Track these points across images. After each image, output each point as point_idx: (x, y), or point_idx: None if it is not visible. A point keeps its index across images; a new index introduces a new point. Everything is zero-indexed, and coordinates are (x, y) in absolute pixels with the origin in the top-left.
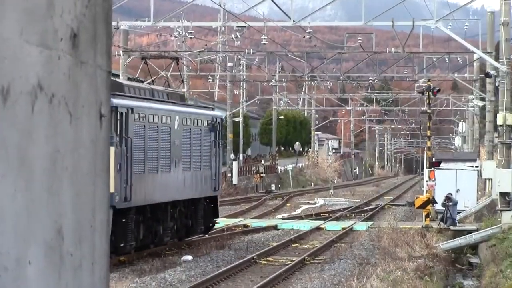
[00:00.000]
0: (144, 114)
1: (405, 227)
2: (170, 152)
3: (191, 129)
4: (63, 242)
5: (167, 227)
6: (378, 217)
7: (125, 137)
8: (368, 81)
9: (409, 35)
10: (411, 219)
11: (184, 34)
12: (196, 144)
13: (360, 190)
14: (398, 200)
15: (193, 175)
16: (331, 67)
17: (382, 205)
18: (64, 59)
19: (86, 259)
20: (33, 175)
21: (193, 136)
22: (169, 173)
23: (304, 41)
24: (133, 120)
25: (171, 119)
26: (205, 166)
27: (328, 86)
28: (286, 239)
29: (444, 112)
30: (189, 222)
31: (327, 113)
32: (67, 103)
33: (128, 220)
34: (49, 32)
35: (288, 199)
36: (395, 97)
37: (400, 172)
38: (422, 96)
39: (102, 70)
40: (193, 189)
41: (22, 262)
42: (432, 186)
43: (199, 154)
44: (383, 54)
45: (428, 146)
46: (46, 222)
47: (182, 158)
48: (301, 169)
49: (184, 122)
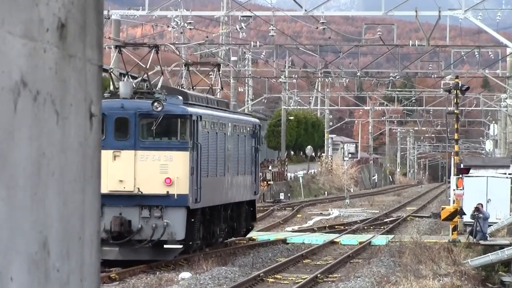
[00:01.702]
0: (208, 121)
1: (430, 242)
2: (225, 157)
3: (239, 135)
4: (49, 256)
5: (221, 228)
6: (400, 230)
7: (195, 143)
8: (389, 77)
9: (435, 26)
10: (437, 232)
11: (182, 25)
12: (242, 150)
13: (380, 199)
14: (422, 211)
15: (240, 179)
16: (347, 62)
17: (404, 217)
18: (50, 52)
19: (74, 275)
20: (15, 181)
21: (240, 142)
22: (224, 176)
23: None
24: (201, 127)
25: (225, 126)
26: (248, 171)
27: (344, 83)
28: (296, 255)
29: (473, 113)
30: (234, 224)
31: (343, 114)
32: (53, 101)
33: (195, 220)
34: (34, 22)
35: (299, 210)
36: (418, 96)
37: (424, 179)
38: (449, 94)
39: (93, 65)
40: (240, 193)
41: (3, 279)
42: (460, 196)
43: (244, 159)
44: (406, 47)
45: (455, 151)
46: (30, 234)
47: (233, 162)
48: (313, 176)
49: (234, 129)
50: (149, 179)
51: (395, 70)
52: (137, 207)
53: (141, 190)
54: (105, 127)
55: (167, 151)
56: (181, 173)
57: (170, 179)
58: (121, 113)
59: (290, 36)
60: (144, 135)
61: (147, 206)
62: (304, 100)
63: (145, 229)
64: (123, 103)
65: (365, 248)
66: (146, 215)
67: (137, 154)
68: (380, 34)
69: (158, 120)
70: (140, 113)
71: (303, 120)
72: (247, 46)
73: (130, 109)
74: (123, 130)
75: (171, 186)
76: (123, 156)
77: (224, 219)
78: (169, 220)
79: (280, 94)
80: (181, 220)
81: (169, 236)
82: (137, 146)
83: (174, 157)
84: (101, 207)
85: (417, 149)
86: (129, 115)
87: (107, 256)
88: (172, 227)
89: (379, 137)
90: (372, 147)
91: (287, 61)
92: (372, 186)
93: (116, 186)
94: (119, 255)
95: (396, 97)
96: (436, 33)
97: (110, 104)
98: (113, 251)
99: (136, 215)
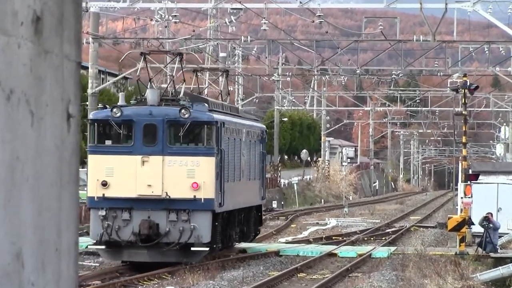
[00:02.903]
0: (229, 127)
1: (436, 254)
2: (240, 163)
3: (250, 141)
4: (23, 269)
5: (236, 232)
6: (403, 242)
7: (220, 149)
8: (391, 75)
9: (441, 20)
10: (443, 244)
11: (167, 18)
12: (253, 155)
13: (381, 208)
14: (427, 221)
15: (251, 184)
16: (345, 58)
17: (407, 227)
18: (24, 47)
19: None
20: None
21: (251, 148)
22: (240, 181)
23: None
24: (224, 133)
25: (241, 132)
26: (257, 176)
27: (342, 81)
28: (290, 268)
29: (483, 114)
30: (244, 228)
31: (341, 115)
32: (28, 101)
33: (218, 223)
34: (7, 14)
35: (293, 219)
36: (423, 96)
37: (430, 186)
38: (456, 94)
39: (70, 61)
40: (251, 197)
41: None
42: (468, 204)
43: (254, 164)
44: (409, 43)
45: (463, 156)
46: (2, 244)
47: (246, 168)
48: (309, 183)
49: (247, 135)
50: (176, 183)
51: (397, 67)
52: (165, 210)
53: (169, 194)
54: (133, 133)
55: (194, 157)
56: (207, 177)
57: (197, 184)
58: (149, 119)
59: (283, 30)
60: (172, 141)
61: (175, 210)
62: (299, 100)
63: (172, 232)
64: (151, 110)
65: (365, 261)
66: (174, 219)
67: (165, 160)
68: (381, 29)
69: (185, 126)
70: (168, 120)
71: (298, 121)
72: (237, 41)
73: (158, 116)
74: (151, 136)
75: (198, 191)
76: (152, 161)
77: (238, 223)
78: (196, 224)
79: (273, 93)
80: (207, 223)
81: (196, 239)
82: (165, 151)
83: (201, 162)
84: (130, 211)
85: (421, 154)
86: (157, 121)
87: (136, 258)
88: (198, 230)
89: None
90: (373, 151)
91: (280, 58)
92: (373, 194)
93: (144, 190)
94: (148, 257)
95: (399, 97)
96: (443, 27)
97: (138, 111)
98: (141, 253)
99: (164, 219)
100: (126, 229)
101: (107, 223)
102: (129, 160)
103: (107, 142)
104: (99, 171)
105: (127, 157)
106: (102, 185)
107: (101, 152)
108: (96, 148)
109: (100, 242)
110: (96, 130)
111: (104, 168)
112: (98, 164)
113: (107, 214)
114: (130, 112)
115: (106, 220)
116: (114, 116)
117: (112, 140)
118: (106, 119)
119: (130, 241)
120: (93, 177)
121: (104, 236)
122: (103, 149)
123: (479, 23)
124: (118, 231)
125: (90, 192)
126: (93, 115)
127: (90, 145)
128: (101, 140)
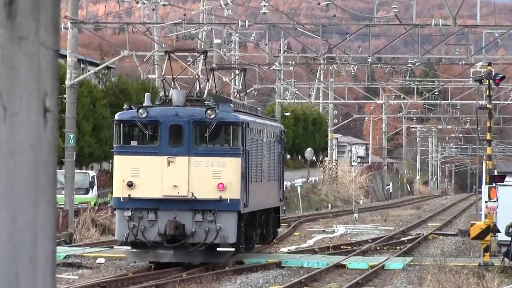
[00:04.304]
0: (253, 128)
1: (457, 265)
2: (262, 163)
3: (270, 141)
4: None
5: (257, 234)
6: (420, 251)
7: (245, 149)
8: (407, 64)
9: (463, 2)
10: (465, 254)
11: (154, 0)
12: (272, 156)
13: (395, 214)
14: (447, 228)
15: (271, 185)
16: (355, 45)
17: (425, 235)
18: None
19: None
20: None
21: (271, 148)
22: (261, 182)
23: (319, 9)
24: (248, 134)
25: (262, 132)
26: (276, 177)
27: (352, 71)
28: (293, 281)
29: (510, 108)
30: (263, 230)
31: (350, 109)
32: (0, 94)
33: (243, 224)
34: None
35: (296, 226)
36: (443, 87)
37: (450, 189)
38: (479, 85)
39: (47, 49)
40: (270, 198)
41: None
42: (493, 209)
43: (274, 165)
44: (427, 28)
45: (488, 154)
46: None
47: (266, 169)
48: (314, 185)
49: (268, 135)
50: (202, 184)
51: (414, 55)
52: (191, 211)
53: (195, 194)
54: (159, 134)
55: (220, 157)
56: (233, 178)
57: (223, 184)
58: (175, 120)
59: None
60: (198, 142)
61: (200, 211)
62: (303, 92)
63: (198, 233)
64: (177, 110)
65: (378, 273)
66: (200, 219)
67: (191, 160)
68: (396, 12)
69: (211, 127)
70: (194, 121)
71: (302, 116)
72: (233, 26)
73: (184, 117)
74: (177, 137)
75: (224, 191)
76: (178, 162)
77: (259, 225)
78: (221, 224)
79: (273, 84)
80: (233, 224)
81: (222, 239)
82: (191, 152)
83: (227, 163)
84: (156, 211)
85: (441, 152)
86: (183, 122)
87: (162, 259)
88: (224, 231)
89: (394, 138)
90: (386, 149)
91: (282, 45)
92: (386, 198)
93: (170, 191)
94: (174, 258)
95: (415, 89)
96: (464, 10)
97: (164, 111)
98: (167, 254)
99: (190, 219)
100: (152, 230)
101: (132, 223)
102: (155, 160)
103: (132, 143)
104: (125, 172)
105: (153, 157)
106: (127, 185)
107: (127, 153)
108: (122, 149)
109: (126, 243)
110: (122, 131)
111: (130, 168)
112: (124, 165)
113: (132, 214)
114: (156, 113)
115: (132, 221)
116: (140, 117)
117: (138, 141)
118: (132, 120)
119: (156, 242)
120: (119, 178)
121: (130, 237)
122: (129, 150)
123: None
124: (144, 232)
125: (116, 192)
126: (118, 116)
127: (116, 146)
128: (127, 141)
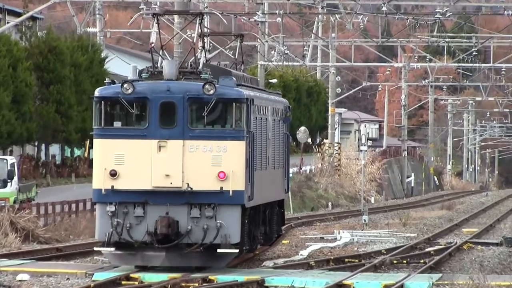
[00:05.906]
0: (257, 105)
1: (501, 285)
2: (266, 148)
3: (274, 120)
4: None
5: (260, 232)
6: (451, 267)
7: (249, 131)
8: (434, 15)
9: None
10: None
11: None
12: (277, 138)
13: (418, 216)
14: (488, 235)
15: (275, 174)
16: None
17: (458, 244)
18: None
19: None
20: None
21: (275, 128)
22: (266, 170)
23: None
24: (253, 112)
25: (266, 109)
26: (281, 164)
27: (361, 23)
28: None
29: None
30: (266, 228)
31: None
32: None
33: (247, 221)
34: None
35: (286, 232)
36: (482, 46)
37: (492, 183)
38: None
39: None
40: (275, 190)
41: None
42: None
43: (279, 150)
44: None
45: None
46: None
47: (271, 154)
48: (310, 177)
49: (272, 113)
50: (199, 173)
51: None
52: (186, 205)
53: (191, 185)
54: (148, 113)
55: (220, 141)
56: (236, 166)
57: (224, 173)
58: (167, 96)
59: None
60: (194, 123)
61: (198, 205)
62: (296, 52)
63: (195, 231)
64: (169, 85)
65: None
66: (196, 215)
67: (186, 144)
68: None
69: (210, 105)
70: (190, 97)
71: (293, 84)
72: None
73: (178, 93)
74: (169, 116)
75: (225, 181)
76: (170, 146)
77: (262, 222)
78: (222, 221)
79: (255, 41)
80: (237, 220)
81: (223, 239)
82: (185, 135)
83: (229, 148)
84: (144, 206)
85: (480, 133)
86: (176, 99)
87: (152, 263)
88: (226, 229)
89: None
90: (407, 129)
91: None
92: (407, 194)
93: (161, 181)
94: (166, 261)
95: (445, 48)
96: None
97: (153, 86)
98: (159, 256)
99: (184, 215)
100: (139, 228)
101: (116, 220)
102: (143, 145)
103: (116, 124)
104: (107, 159)
105: (140, 141)
106: (110, 175)
107: (109, 136)
108: (103, 131)
109: (109, 244)
110: (103, 110)
111: (113, 155)
112: (106, 151)
113: (116, 210)
114: (144, 88)
115: (116, 217)
116: (124, 93)
117: (122, 122)
118: (115, 97)
119: (144, 242)
120: (100, 166)
121: (113, 236)
122: (111, 133)
123: None
124: (130, 230)
125: (96, 183)
126: (98, 92)
127: (96, 128)
128: (109, 122)
